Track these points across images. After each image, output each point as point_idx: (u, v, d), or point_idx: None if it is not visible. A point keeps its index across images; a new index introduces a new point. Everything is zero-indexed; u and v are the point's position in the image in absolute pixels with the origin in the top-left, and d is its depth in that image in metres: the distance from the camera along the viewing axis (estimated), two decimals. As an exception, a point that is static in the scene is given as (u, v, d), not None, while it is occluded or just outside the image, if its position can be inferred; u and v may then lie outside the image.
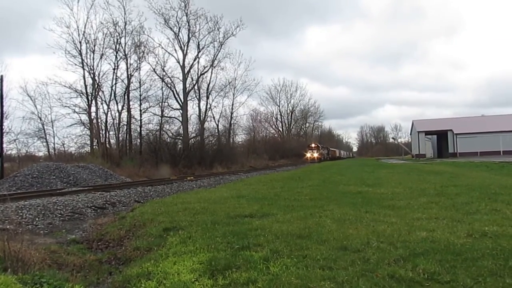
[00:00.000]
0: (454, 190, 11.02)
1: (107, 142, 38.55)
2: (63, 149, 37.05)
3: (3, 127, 28.35)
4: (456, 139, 64.00)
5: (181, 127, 45.04)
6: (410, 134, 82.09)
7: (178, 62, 45.07)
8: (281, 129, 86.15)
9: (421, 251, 4.57)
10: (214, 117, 52.47)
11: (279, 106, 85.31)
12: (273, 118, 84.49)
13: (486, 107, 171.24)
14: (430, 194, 10.19)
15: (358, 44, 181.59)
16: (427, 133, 69.90)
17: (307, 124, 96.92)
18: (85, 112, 37.65)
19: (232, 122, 56.44)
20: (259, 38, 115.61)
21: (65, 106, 36.79)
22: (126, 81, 39.18)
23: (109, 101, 38.73)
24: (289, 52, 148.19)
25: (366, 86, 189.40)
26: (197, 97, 47.93)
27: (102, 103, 38.70)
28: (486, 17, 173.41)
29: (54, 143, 37.49)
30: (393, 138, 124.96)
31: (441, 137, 69.99)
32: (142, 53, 40.35)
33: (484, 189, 10.74)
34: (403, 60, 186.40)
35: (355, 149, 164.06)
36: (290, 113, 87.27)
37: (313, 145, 69.11)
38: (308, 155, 66.74)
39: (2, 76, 27.27)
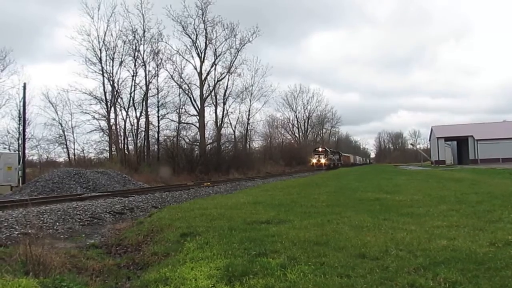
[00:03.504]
0: (475, 197, 10.77)
1: (125, 148, 39.17)
2: (82, 155, 37.90)
3: (26, 133, 29.19)
4: (477, 145, 62.48)
5: (198, 133, 45.34)
6: (429, 140, 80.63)
7: (195, 69, 45.47)
8: (297, 135, 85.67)
9: (441, 259, 4.47)
10: (230, 123, 52.56)
11: (295, 112, 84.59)
12: (290, 124, 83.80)
13: (505, 113, 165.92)
14: (450, 202, 9.98)
15: (366, 50, 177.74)
16: (447, 139, 68.49)
17: (324, 130, 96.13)
18: (104, 119, 38.38)
19: (248, 128, 56.40)
20: (263, 44, 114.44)
21: (85, 113, 37.64)
22: (144, 88, 39.78)
23: (128, 107, 39.36)
24: (295, 58, 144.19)
25: (376, 91, 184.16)
26: (214, 103, 48.19)
27: (120, 110, 39.38)
28: (494, 21, 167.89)
29: (74, 149, 38.42)
30: (411, 144, 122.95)
31: (461, 143, 68.51)
32: (160, 60, 40.95)
33: (507, 197, 10.46)
34: (413, 66, 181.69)
35: (372, 155, 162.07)
36: (307, 119, 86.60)
37: (320, 148, 59.08)
38: (314, 160, 56.63)
39: (25, 84, 28.14)
